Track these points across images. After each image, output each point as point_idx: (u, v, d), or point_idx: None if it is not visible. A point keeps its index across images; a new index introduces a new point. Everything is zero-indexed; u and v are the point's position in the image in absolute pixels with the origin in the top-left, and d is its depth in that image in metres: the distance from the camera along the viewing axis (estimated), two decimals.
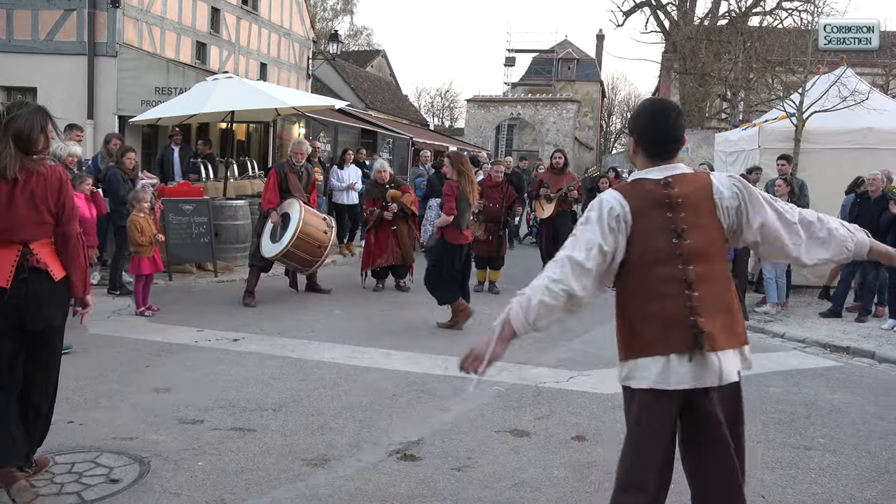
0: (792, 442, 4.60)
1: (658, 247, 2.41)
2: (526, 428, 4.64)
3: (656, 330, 2.41)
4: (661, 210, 2.43)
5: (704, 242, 2.44)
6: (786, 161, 9.10)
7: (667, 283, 2.41)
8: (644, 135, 2.54)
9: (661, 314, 2.41)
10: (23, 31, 13.86)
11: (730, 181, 2.52)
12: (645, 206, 2.43)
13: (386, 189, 9.02)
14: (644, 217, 2.42)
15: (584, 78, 49.59)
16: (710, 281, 2.43)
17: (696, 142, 21.99)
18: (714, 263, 2.46)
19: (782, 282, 8.63)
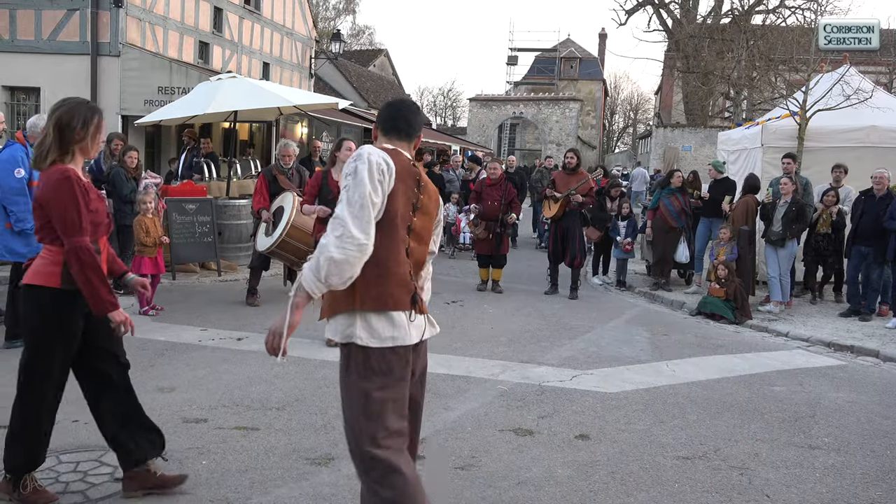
0: (796, 441, 4.60)
1: (399, 210, 2.59)
2: (529, 427, 4.64)
3: (394, 288, 2.58)
4: (412, 183, 2.65)
5: (425, 223, 2.74)
6: (791, 159, 9.08)
7: (401, 246, 2.63)
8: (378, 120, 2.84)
9: (399, 275, 2.61)
10: (26, 31, 13.88)
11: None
12: (405, 174, 2.62)
13: None
14: (402, 183, 2.60)
15: (587, 77, 49.57)
16: (415, 255, 2.71)
17: (699, 140, 21.95)
18: (424, 243, 2.78)
19: (786, 281, 8.61)
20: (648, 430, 4.68)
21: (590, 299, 9.43)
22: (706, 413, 5.07)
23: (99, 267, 3.16)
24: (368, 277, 2.51)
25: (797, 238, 8.66)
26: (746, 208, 8.91)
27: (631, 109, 65.24)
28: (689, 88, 25.55)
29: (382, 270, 2.55)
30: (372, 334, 2.55)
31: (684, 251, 9.88)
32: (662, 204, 9.95)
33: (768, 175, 9.65)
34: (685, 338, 7.39)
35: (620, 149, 63.76)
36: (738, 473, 4.05)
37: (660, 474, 4.00)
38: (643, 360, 6.49)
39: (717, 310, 8.27)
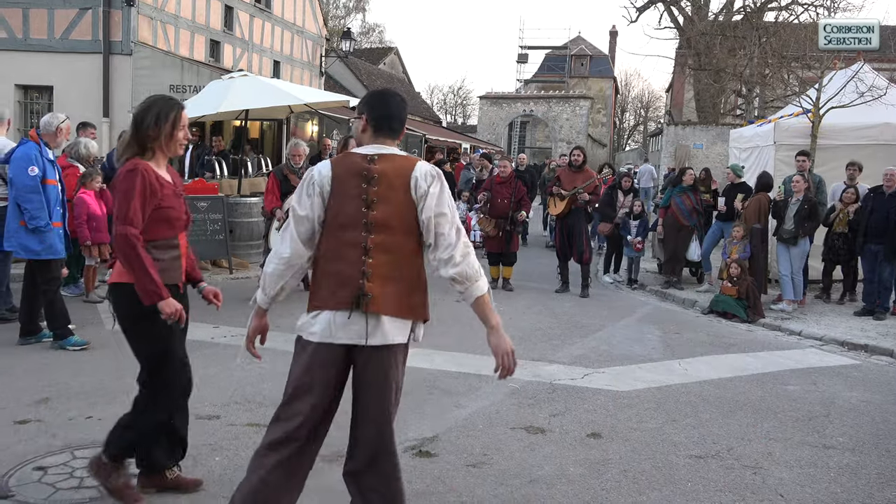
0: (810, 440, 4.57)
1: (348, 212, 2.64)
2: (541, 425, 4.63)
3: (330, 288, 2.65)
4: (358, 181, 2.65)
5: (389, 215, 2.64)
6: (805, 157, 9.02)
7: (347, 247, 2.65)
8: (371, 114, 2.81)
9: (333, 274, 2.65)
10: (39, 30, 13.97)
11: (429, 169, 2.71)
12: (346, 174, 2.67)
13: None
14: (342, 184, 2.66)
15: (598, 74, 49.40)
16: (387, 250, 2.65)
17: (711, 138, 21.82)
18: (398, 236, 2.67)
19: (798, 279, 8.56)
20: (660, 429, 4.66)
21: (601, 298, 9.41)
22: (719, 412, 5.04)
23: (140, 256, 3.09)
24: (314, 279, 2.73)
25: (810, 236, 8.60)
26: (759, 206, 8.86)
27: (642, 107, 65.00)
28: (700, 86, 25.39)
29: (322, 271, 2.70)
30: (302, 326, 2.72)
31: (696, 249, 9.84)
32: (674, 202, 9.91)
33: (781, 173, 9.59)
34: (697, 336, 7.36)
35: (631, 146, 63.55)
36: (752, 472, 4.03)
37: (672, 473, 3.98)
38: (655, 358, 6.47)
39: (729, 308, 8.23)
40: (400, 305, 2.66)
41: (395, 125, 2.83)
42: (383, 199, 2.64)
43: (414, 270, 2.72)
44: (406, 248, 2.69)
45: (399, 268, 2.67)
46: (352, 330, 2.62)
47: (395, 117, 2.83)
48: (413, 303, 2.70)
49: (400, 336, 2.69)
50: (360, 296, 2.60)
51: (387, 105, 2.83)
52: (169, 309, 3.16)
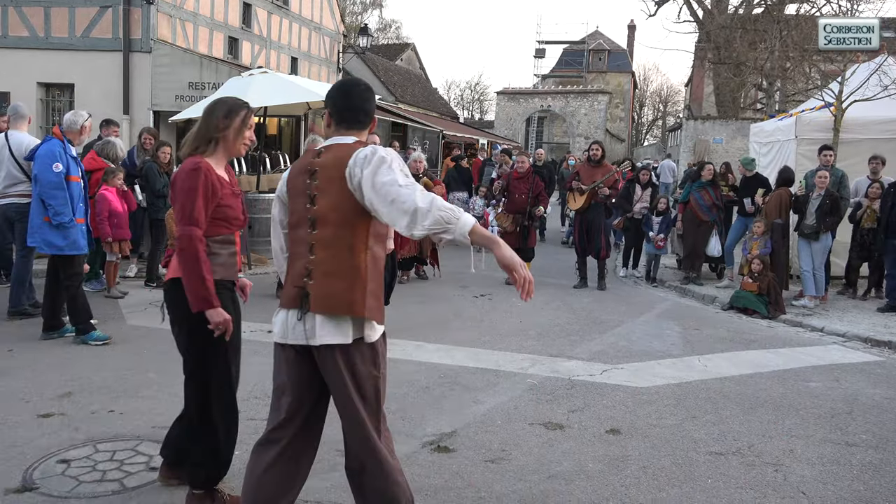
0: (833, 438, 4.52)
1: (298, 210, 2.63)
2: (560, 421, 4.62)
3: (287, 287, 2.66)
4: (304, 177, 2.62)
5: (327, 208, 2.55)
6: (830, 152, 8.88)
7: (299, 245, 2.62)
8: (333, 108, 2.74)
9: (291, 273, 2.64)
10: (60, 29, 14.11)
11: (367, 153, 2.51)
12: (297, 172, 2.67)
13: (419, 179, 9.04)
14: (294, 183, 2.67)
15: (616, 69, 49.10)
16: (327, 246, 2.55)
17: (731, 133, 21.63)
18: (335, 229, 2.55)
19: (820, 275, 8.46)
20: (680, 425, 4.63)
21: (620, 293, 9.36)
22: (739, 408, 5.00)
23: (199, 259, 3.03)
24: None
25: (832, 231, 8.49)
26: (780, 201, 8.77)
27: (660, 102, 64.53)
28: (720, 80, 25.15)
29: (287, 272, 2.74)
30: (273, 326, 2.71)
31: (716, 245, 9.76)
32: (693, 198, 9.83)
33: (802, 167, 9.48)
34: (717, 332, 7.30)
35: (650, 141, 63.09)
36: (773, 470, 4.00)
37: (692, 470, 3.96)
38: (674, 354, 6.43)
39: (750, 304, 8.15)
40: (338, 303, 2.52)
41: (359, 117, 2.72)
42: (323, 192, 2.56)
43: (353, 266, 2.55)
44: (344, 243, 2.55)
45: (338, 263, 2.55)
46: (298, 330, 2.56)
47: (358, 109, 2.72)
48: (352, 300, 2.53)
49: (341, 336, 2.53)
50: (303, 294, 2.55)
51: (347, 96, 2.73)
52: (217, 318, 3.05)
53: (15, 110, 6.73)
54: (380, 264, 2.67)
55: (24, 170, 6.40)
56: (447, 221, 2.33)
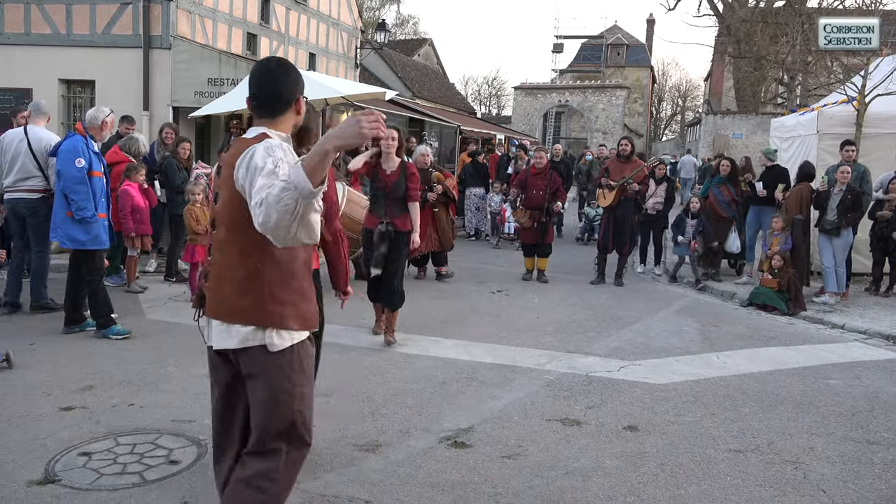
0: (854, 436, 4.47)
1: (215, 207, 2.47)
2: (577, 417, 4.61)
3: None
4: (219, 172, 2.47)
5: (222, 208, 2.39)
6: (853, 147, 8.77)
7: (214, 246, 2.49)
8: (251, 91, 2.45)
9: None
10: (81, 26, 14.23)
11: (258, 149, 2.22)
12: (222, 167, 2.46)
13: (428, 173, 8.99)
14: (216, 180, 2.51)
15: (634, 64, 48.76)
16: (221, 248, 2.39)
17: (751, 127, 21.43)
18: (227, 230, 2.36)
19: (842, 271, 8.36)
20: (699, 423, 4.60)
21: (637, 290, 9.31)
22: (759, 406, 4.96)
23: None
24: None
25: (853, 227, 8.39)
26: (800, 197, 8.67)
27: (679, 96, 63.95)
28: (740, 74, 24.91)
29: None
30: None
31: (735, 241, 9.68)
32: (712, 193, 9.75)
33: (824, 163, 9.36)
34: (736, 329, 7.24)
35: (668, 137, 62.61)
36: (793, 468, 3.96)
37: (711, 467, 3.93)
38: (693, 351, 6.38)
39: (769, 301, 8.08)
40: (227, 309, 2.37)
41: (272, 103, 2.41)
42: (221, 190, 2.41)
43: (244, 270, 2.35)
44: (235, 245, 2.35)
45: (229, 267, 2.37)
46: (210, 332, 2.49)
47: (269, 94, 2.41)
48: (241, 307, 2.35)
49: (232, 341, 2.38)
50: (201, 296, 2.50)
51: (256, 80, 2.43)
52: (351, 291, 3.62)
53: (36, 107, 6.81)
54: (294, 267, 2.43)
55: (40, 164, 6.45)
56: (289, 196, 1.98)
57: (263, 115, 2.42)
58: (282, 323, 2.38)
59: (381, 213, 6.09)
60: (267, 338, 2.37)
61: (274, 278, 2.37)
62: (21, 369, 5.04)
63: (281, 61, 2.46)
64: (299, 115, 2.46)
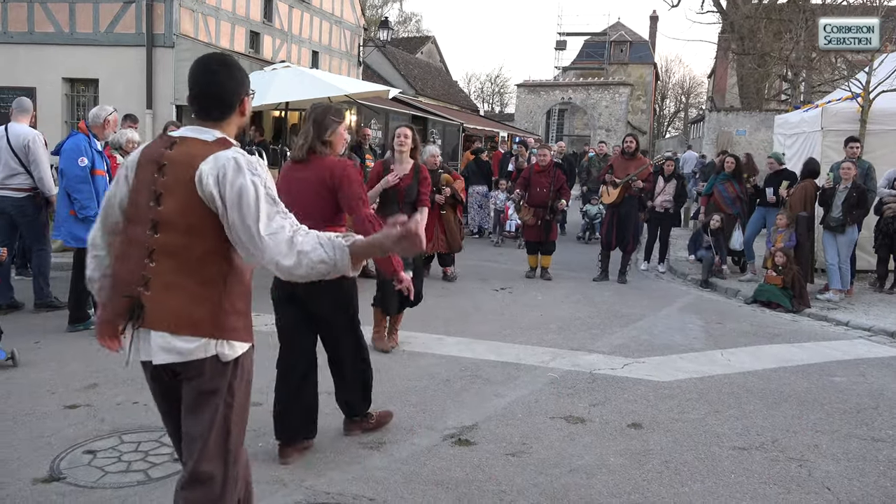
0: (858, 433, 4.46)
1: (138, 205, 2.25)
2: (581, 415, 4.61)
3: (109, 293, 2.30)
4: (152, 168, 2.24)
5: (175, 212, 2.19)
6: (857, 144, 8.74)
7: (132, 246, 2.24)
8: (191, 91, 2.32)
9: (116, 276, 2.28)
10: (84, 24, 14.25)
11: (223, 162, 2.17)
12: (146, 160, 2.27)
13: (437, 174, 8.96)
14: (140, 171, 2.27)
15: (638, 61, 48.65)
16: (171, 254, 2.20)
17: (755, 124, 21.37)
18: (182, 236, 2.19)
19: (846, 268, 8.34)
20: (703, 420, 4.60)
21: (641, 287, 9.30)
22: (763, 403, 4.95)
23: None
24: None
25: (858, 224, 8.37)
26: (805, 194, 8.65)
27: (683, 93, 63.81)
28: (744, 71, 24.83)
29: (109, 276, 2.35)
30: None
31: (739, 238, 9.66)
32: (716, 190, 9.74)
33: (828, 159, 9.34)
34: (740, 326, 7.23)
35: (671, 134, 62.50)
36: (797, 465, 3.95)
37: (715, 464, 3.93)
38: (697, 348, 6.37)
39: (773, 298, 8.06)
40: (178, 321, 2.18)
41: (211, 105, 2.29)
42: (170, 192, 2.20)
43: (201, 279, 2.21)
44: (193, 253, 2.20)
45: (183, 275, 2.20)
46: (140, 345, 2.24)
47: (210, 95, 2.29)
48: (196, 318, 2.20)
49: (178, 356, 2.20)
50: (135, 306, 2.19)
51: (195, 80, 2.30)
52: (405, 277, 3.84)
53: (19, 104, 6.66)
54: (248, 277, 2.37)
55: (22, 162, 6.41)
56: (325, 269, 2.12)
57: (208, 117, 2.30)
58: (235, 335, 2.28)
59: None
60: (218, 347, 2.24)
61: (233, 288, 2.27)
62: (26, 367, 5.06)
63: (225, 60, 2.35)
64: (243, 116, 2.36)
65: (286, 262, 2.10)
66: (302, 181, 3.74)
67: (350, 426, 4.14)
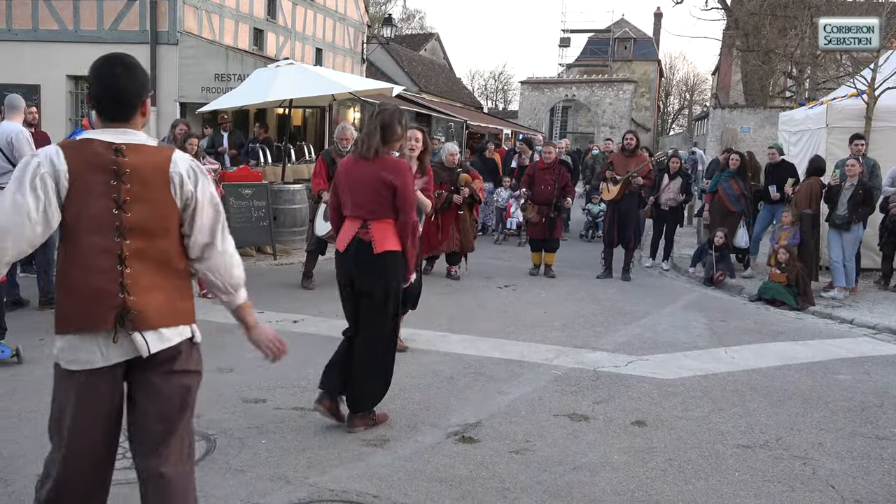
0: (863, 431, 4.45)
1: (94, 214, 2.23)
2: (584, 412, 4.60)
3: (83, 304, 2.26)
4: (106, 177, 2.23)
5: (147, 217, 2.27)
6: (861, 141, 8.70)
7: (99, 256, 2.24)
8: (93, 92, 2.34)
9: (89, 288, 2.25)
10: (88, 21, 14.28)
11: (190, 163, 2.35)
12: (88, 169, 2.23)
13: (456, 173, 8.91)
14: (85, 179, 2.22)
15: (642, 58, 48.57)
16: (147, 258, 2.28)
17: (759, 121, 21.31)
18: (158, 239, 2.30)
19: (851, 266, 8.32)
20: (707, 418, 4.59)
21: (645, 284, 9.29)
22: (767, 401, 4.94)
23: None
24: (59, 296, 2.33)
25: (863, 222, 8.34)
26: (810, 191, 8.63)
27: (687, 90, 63.68)
28: (748, 68, 24.76)
29: (67, 287, 2.30)
30: (60, 354, 2.35)
31: (744, 236, 9.64)
32: (721, 187, 9.72)
33: (833, 157, 9.30)
34: (744, 324, 7.22)
35: (676, 131, 62.39)
36: (802, 463, 3.95)
37: (719, 462, 3.92)
38: (700, 346, 6.37)
39: (778, 296, 8.04)
40: (167, 316, 2.32)
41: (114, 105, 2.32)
42: (138, 198, 2.26)
43: (176, 274, 2.37)
44: (167, 253, 2.33)
45: (161, 275, 2.33)
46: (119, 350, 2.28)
47: (115, 98, 2.32)
48: (182, 309, 2.38)
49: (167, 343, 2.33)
50: (123, 312, 2.25)
51: (98, 80, 2.33)
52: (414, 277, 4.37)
53: (10, 102, 6.53)
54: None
55: (10, 159, 6.37)
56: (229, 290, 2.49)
57: (116, 118, 2.32)
58: (194, 318, 2.45)
59: None
60: (193, 330, 2.43)
61: (188, 277, 2.44)
62: (30, 364, 5.07)
63: (124, 61, 2.38)
64: (145, 116, 2.39)
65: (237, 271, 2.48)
66: (363, 176, 4.07)
67: (354, 421, 4.16)
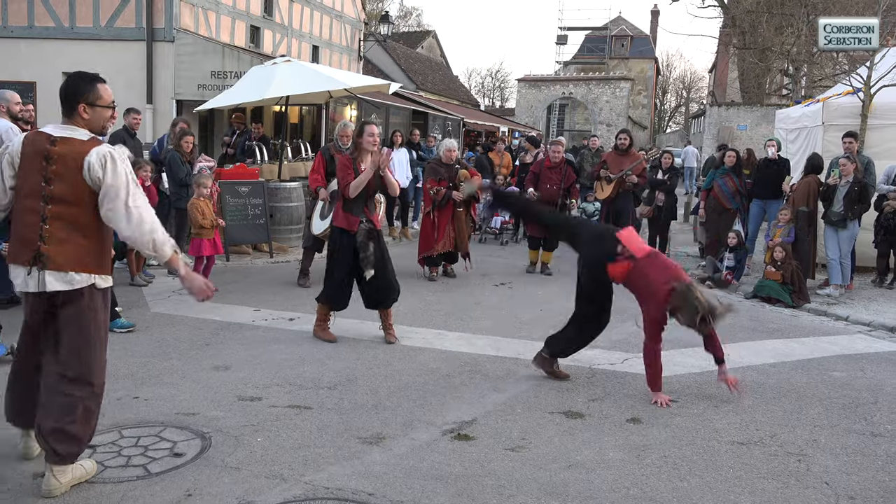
0: (857, 428, 4.47)
1: (31, 186, 3.23)
2: (580, 410, 4.61)
3: (15, 245, 3.29)
4: (39, 159, 3.21)
5: (64, 190, 3.19)
6: (852, 139, 8.74)
7: (29, 214, 3.24)
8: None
9: (20, 235, 3.27)
10: (85, 18, 14.24)
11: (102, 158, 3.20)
12: (34, 151, 3.23)
13: (454, 169, 8.80)
14: (29, 160, 3.24)
15: (638, 55, 48.57)
16: (62, 219, 3.21)
17: (756, 119, 21.34)
18: (72, 206, 3.21)
19: (847, 263, 8.34)
20: (702, 415, 4.60)
21: None
22: (762, 398, 4.96)
23: None
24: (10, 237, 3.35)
25: (859, 219, 8.36)
26: (808, 189, 8.64)
27: (684, 88, 63.73)
28: (745, 65, 24.80)
29: (11, 233, 3.34)
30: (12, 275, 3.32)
31: (740, 233, 9.64)
32: (716, 184, 9.72)
33: (829, 154, 9.31)
34: (740, 321, 7.21)
35: (672, 128, 62.44)
36: (796, 460, 3.96)
37: (714, 459, 3.94)
38: (696, 343, 6.34)
39: (773, 293, 8.06)
40: (72, 264, 3.22)
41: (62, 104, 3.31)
42: (59, 176, 3.19)
43: (84, 234, 3.25)
44: (78, 218, 3.23)
45: (72, 233, 3.23)
46: (33, 282, 3.22)
47: (62, 99, 3.31)
48: (87, 261, 3.26)
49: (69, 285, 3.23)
50: (37, 255, 3.20)
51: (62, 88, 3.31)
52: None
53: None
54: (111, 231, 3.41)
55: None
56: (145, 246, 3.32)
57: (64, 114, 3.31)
58: (105, 271, 3.37)
59: (359, 211, 5.83)
60: (96, 279, 3.31)
61: (105, 238, 3.36)
62: None
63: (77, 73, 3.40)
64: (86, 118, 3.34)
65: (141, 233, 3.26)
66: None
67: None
